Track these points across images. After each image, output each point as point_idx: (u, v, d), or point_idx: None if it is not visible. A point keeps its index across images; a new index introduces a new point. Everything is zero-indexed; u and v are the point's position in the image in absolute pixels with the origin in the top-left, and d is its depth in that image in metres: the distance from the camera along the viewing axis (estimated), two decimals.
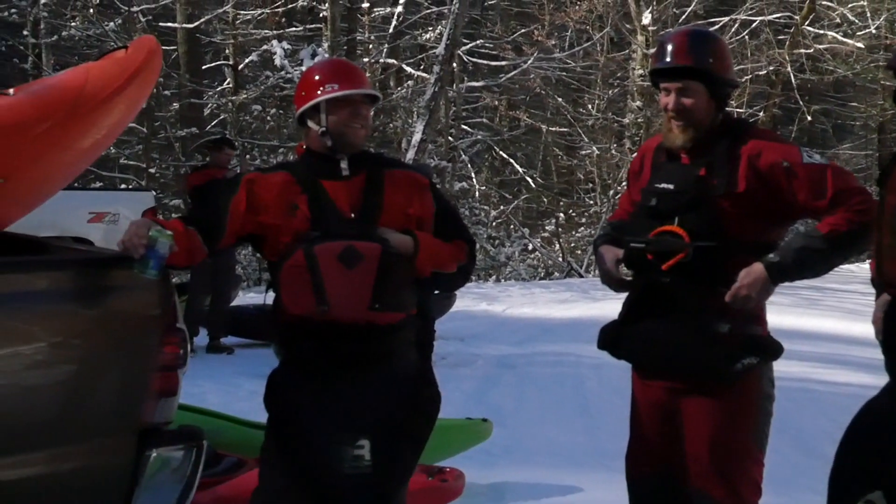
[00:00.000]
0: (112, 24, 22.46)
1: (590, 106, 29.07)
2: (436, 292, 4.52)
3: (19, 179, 4.54)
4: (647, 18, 25.82)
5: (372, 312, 3.86)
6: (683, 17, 26.57)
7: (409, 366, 4.06)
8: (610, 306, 4.53)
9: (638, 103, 26.50)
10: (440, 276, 4.14)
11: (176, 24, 23.02)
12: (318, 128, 4.07)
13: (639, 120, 26.46)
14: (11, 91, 4.84)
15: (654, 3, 26.12)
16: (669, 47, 4.04)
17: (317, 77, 4.08)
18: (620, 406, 4.67)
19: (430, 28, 26.18)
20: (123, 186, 21.78)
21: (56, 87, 4.83)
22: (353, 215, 3.97)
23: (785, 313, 12.33)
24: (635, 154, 5.24)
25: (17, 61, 24.12)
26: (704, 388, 4.00)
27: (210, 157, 11.88)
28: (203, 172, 11.45)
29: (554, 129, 29.22)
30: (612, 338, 4.28)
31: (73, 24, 23.02)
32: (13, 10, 22.74)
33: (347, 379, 3.94)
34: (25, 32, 23.09)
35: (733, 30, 26.70)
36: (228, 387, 9.17)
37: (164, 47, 5.53)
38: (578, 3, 26.80)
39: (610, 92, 28.85)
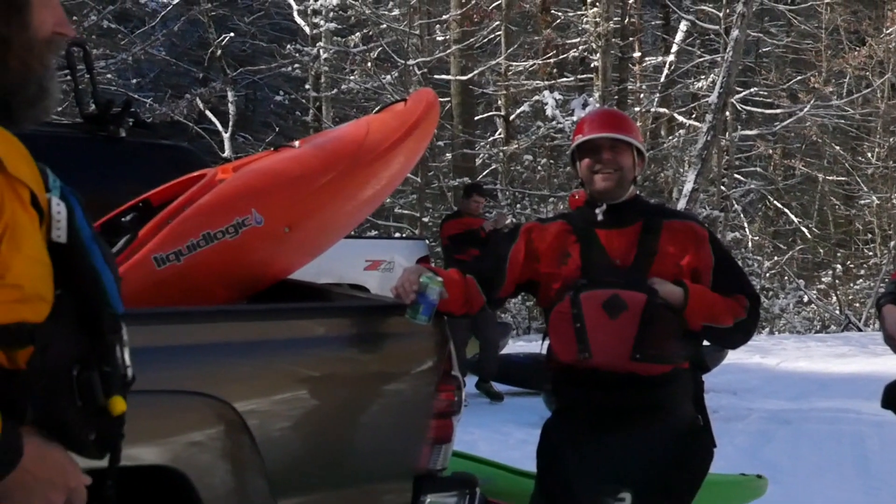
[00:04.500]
0: (389, 77, 23.17)
1: (869, 154, 28.18)
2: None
3: (303, 228, 4.69)
4: None
5: (633, 363, 3.82)
6: None
7: (678, 420, 4.00)
8: (892, 362, 4.34)
9: None
10: (715, 331, 4.02)
11: (450, 77, 23.63)
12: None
13: None
14: (297, 143, 5.03)
15: None
16: None
17: (583, 127, 4.12)
18: None
19: (703, 76, 25.86)
20: (398, 235, 22.32)
21: (338, 139, 4.97)
22: (623, 264, 3.95)
23: None
24: None
25: (300, 114, 25.16)
26: None
27: (461, 206, 11.80)
28: (459, 222, 11.36)
29: (831, 177, 28.43)
30: None
31: (351, 77, 23.82)
32: (296, 66, 23.72)
33: (613, 429, 3.92)
34: (307, 86, 24.02)
35: None
36: (498, 435, 9.24)
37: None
38: (858, 49, 26.03)
39: (891, 139, 27.83)
